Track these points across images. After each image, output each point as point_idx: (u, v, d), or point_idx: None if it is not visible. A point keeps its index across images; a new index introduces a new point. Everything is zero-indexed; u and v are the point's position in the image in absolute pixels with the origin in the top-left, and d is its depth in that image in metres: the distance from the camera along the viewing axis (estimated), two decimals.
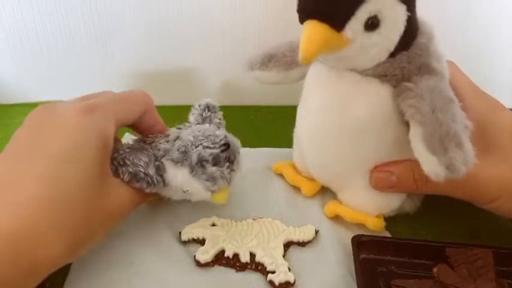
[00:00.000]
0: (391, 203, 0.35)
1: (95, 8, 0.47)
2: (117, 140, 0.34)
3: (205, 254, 0.32)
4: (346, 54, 0.29)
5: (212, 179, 0.31)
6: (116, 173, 0.31)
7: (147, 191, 0.32)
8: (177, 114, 0.38)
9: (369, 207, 0.35)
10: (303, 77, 0.36)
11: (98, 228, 0.28)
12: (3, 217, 0.23)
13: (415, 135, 0.28)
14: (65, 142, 0.26)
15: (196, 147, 0.31)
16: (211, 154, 0.31)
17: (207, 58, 0.50)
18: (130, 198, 0.31)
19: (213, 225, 0.35)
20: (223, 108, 0.39)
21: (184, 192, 0.32)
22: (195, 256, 0.32)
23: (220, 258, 0.33)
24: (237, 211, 0.37)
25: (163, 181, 0.32)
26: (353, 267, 0.31)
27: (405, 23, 0.28)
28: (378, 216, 0.35)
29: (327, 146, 0.34)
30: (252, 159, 0.43)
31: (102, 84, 0.52)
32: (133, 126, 0.34)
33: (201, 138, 0.32)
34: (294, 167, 0.40)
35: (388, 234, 0.35)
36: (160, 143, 0.33)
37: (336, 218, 0.37)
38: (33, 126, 0.28)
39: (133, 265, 0.32)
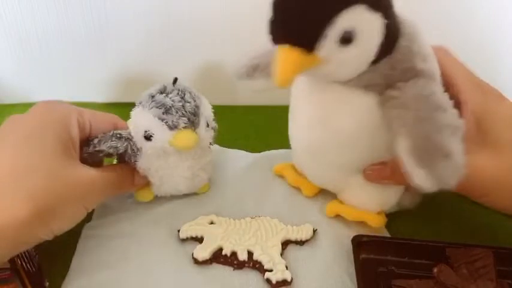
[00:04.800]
0: (390, 197, 0.35)
1: (95, 8, 0.47)
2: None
3: (203, 251, 0.32)
4: (324, 70, 0.28)
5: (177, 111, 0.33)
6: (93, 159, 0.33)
7: (122, 151, 0.33)
8: None
9: (369, 204, 0.35)
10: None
11: (67, 199, 0.29)
12: None
13: (402, 148, 0.27)
14: (29, 123, 0.31)
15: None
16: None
17: (208, 58, 0.50)
18: (101, 173, 0.32)
19: (211, 223, 0.35)
20: (224, 108, 0.39)
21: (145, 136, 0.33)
22: (193, 254, 0.32)
23: (218, 256, 0.33)
24: (235, 210, 0.37)
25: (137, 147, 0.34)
26: (350, 266, 0.31)
27: (383, 30, 0.27)
28: (379, 213, 0.35)
29: (319, 158, 0.34)
30: (252, 161, 0.43)
31: (102, 84, 0.52)
32: None
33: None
34: (294, 168, 0.40)
35: (388, 234, 0.35)
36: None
37: (335, 218, 0.36)
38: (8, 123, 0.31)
39: (132, 263, 0.32)
